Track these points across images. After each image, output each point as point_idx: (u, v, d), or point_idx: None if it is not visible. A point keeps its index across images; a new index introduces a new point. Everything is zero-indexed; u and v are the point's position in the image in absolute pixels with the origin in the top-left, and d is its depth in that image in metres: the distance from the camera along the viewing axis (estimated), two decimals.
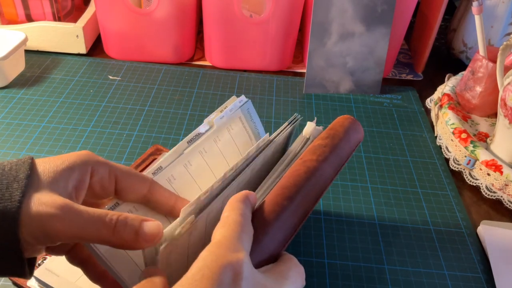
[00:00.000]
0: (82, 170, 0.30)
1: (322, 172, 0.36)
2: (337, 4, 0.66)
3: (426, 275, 0.47)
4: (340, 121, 0.41)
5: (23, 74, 0.71)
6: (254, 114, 0.44)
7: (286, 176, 0.35)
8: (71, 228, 0.27)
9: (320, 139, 0.38)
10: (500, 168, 0.54)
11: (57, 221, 0.27)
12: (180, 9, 0.72)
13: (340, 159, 0.38)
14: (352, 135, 0.40)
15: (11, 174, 0.27)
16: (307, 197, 0.34)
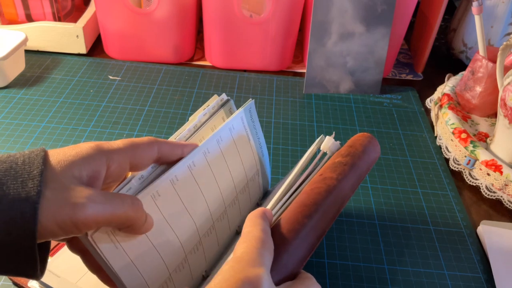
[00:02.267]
0: (97, 162, 0.30)
1: (341, 190, 0.36)
2: (337, 4, 0.66)
3: (426, 275, 0.47)
4: (359, 139, 0.41)
5: (23, 74, 0.71)
6: (254, 114, 0.45)
7: (306, 193, 0.35)
8: (102, 211, 0.28)
9: (340, 156, 0.39)
10: (500, 168, 0.54)
11: (88, 211, 0.27)
12: (180, 9, 0.72)
13: (358, 177, 0.38)
14: (371, 153, 0.40)
15: (25, 170, 0.27)
16: (326, 215, 0.34)
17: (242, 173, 0.43)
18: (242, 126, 0.43)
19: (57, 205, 0.26)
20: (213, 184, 0.39)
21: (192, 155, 0.36)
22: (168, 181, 0.34)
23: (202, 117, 0.40)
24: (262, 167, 0.47)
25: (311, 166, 0.40)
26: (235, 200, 0.42)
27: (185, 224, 0.36)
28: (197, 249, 0.38)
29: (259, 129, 0.45)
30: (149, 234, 0.33)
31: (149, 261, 0.33)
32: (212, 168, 0.38)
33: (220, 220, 0.40)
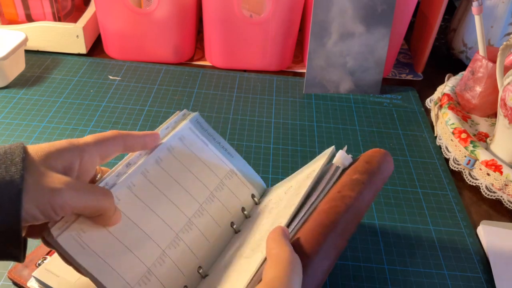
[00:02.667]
0: (71, 153, 0.33)
1: (359, 208, 0.36)
2: (337, 4, 0.66)
3: (426, 275, 0.47)
4: (375, 156, 0.41)
5: (23, 74, 0.71)
6: (203, 123, 0.48)
7: (325, 212, 0.35)
8: (78, 198, 0.31)
9: (358, 173, 0.39)
10: (500, 168, 0.54)
11: (65, 196, 0.30)
12: (180, 9, 0.72)
13: (374, 194, 0.38)
14: (386, 170, 0.40)
15: (7, 158, 0.29)
16: (345, 233, 0.35)
17: (210, 173, 0.45)
18: (194, 135, 0.46)
19: (37, 189, 0.29)
20: (175, 186, 0.42)
21: (144, 163, 0.40)
22: (125, 187, 0.38)
23: (165, 130, 0.44)
24: (238, 166, 0.48)
25: (325, 180, 0.40)
26: (211, 197, 0.44)
27: (151, 221, 0.38)
28: (177, 244, 0.39)
29: (216, 135, 0.48)
30: (114, 232, 0.35)
31: (120, 257, 0.35)
32: (170, 173, 0.42)
33: (198, 216, 0.42)
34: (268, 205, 0.46)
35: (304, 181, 0.42)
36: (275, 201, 0.45)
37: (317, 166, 0.42)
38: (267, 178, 0.57)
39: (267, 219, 0.42)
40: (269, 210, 0.44)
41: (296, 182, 0.44)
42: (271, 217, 0.41)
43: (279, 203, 0.43)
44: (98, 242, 0.34)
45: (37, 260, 0.42)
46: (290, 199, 0.41)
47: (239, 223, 0.45)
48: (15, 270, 0.41)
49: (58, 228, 0.33)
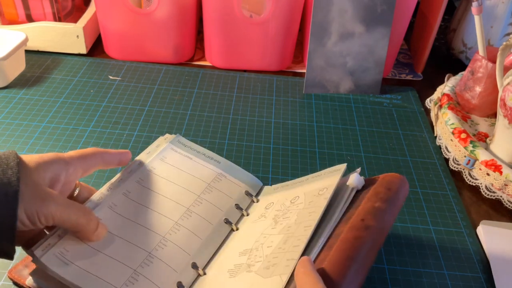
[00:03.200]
0: (58, 166, 0.36)
1: (381, 238, 0.37)
2: (337, 4, 0.67)
3: (426, 275, 0.47)
4: (396, 182, 0.41)
5: (23, 74, 0.71)
6: (185, 141, 0.52)
7: (350, 243, 0.35)
8: (61, 212, 0.33)
9: (380, 201, 0.39)
10: (499, 168, 0.54)
11: (51, 208, 0.33)
12: (180, 9, 0.72)
13: (393, 220, 0.39)
14: (403, 197, 0.41)
15: (2, 162, 0.32)
16: (367, 264, 0.35)
17: (196, 181, 0.48)
18: (176, 153, 0.50)
19: (28, 197, 0.32)
20: (158, 198, 0.45)
21: (125, 185, 0.44)
22: (106, 207, 0.41)
23: (145, 155, 0.49)
24: (226, 169, 0.51)
25: (342, 202, 0.40)
26: (198, 200, 0.46)
27: (134, 231, 0.41)
28: (165, 245, 0.41)
29: (200, 148, 0.52)
30: (96, 246, 0.38)
31: (102, 265, 0.37)
32: (153, 188, 0.45)
33: (185, 218, 0.44)
34: (270, 209, 0.46)
35: (316, 198, 0.42)
36: (278, 208, 0.46)
37: (329, 184, 0.42)
38: (267, 178, 0.57)
39: (273, 229, 0.42)
40: (273, 217, 0.44)
41: (305, 196, 0.45)
42: (280, 229, 0.42)
43: (286, 214, 0.43)
44: (81, 257, 0.37)
45: None
46: (302, 216, 0.41)
47: (235, 220, 0.46)
48: (15, 270, 0.41)
49: (42, 249, 0.35)
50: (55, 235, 0.37)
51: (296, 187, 0.48)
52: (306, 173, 0.58)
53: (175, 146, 0.51)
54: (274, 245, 0.40)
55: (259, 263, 0.39)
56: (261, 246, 0.41)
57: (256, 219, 0.46)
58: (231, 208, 0.47)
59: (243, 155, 0.60)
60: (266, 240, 0.41)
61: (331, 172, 0.45)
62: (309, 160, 0.60)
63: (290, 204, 0.45)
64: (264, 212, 0.46)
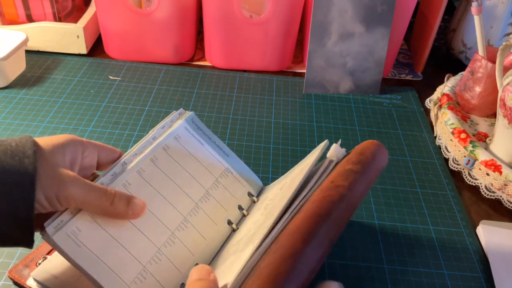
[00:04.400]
0: (74, 148, 0.36)
1: (352, 198, 0.36)
2: (337, 4, 0.67)
3: (425, 274, 0.47)
4: (369, 147, 0.40)
5: (23, 75, 0.71)
6: (199, 122, 0.49)
7: (319, 201, 0.35)
8: (81, 194, 0.33)
9: (351, 163, 0.38)
10: (499, 168, 0.54)
11: (70, 189, 0.33)
12: (180, 9, 0.72)
13: (368, 185, 0.38)
14: (380, 162, 0.40)
15: (19, 151, 0.32)
16: (339, 223, 0.34)
17: (206, 172, 0.46)
18: (189, 134, 0.47)
19: (46, 180, 0.32)
20: (171, 185, 0.43)
21: (139, 162, 0.41)
22: (121, 186, 0.39)
23: (161, 130, 0.46)
24: (234, 165, 0.49)
25: (319, 173, 0.40)
26: (206, 196, 0.45)
27: (147, 219, 0.39)
28: (173, 242, 0.40)
29: (211, 134, 0.49)
30: (110, 231, 0.36)
31: (115, 255, 0.36)
32: (165, 171, 0.43)
33: (193, 214, 0.43)
34: (264, 202, 0.46)
35: (298, 176, 0.42)
36: (271, 198, 0.46)
37: (310, 161, 0.42)
38: (267, 178, 0.57)
39: (261, 215, 0.42)
40: (264, 207, 0.44)
41: (291, 179, 0.45)
42: (265, 212, 0.42)
43: (274, 199, 0.43)
44: (94, 240, 0.35)
45: (37, 259, 0.42)
46: (284, 194, 0.41)
47: (237, 221, 0.46)
48: (15, 270, 0.42)
49: (54, 227, 0.34)
50: (68, 212, 0.35)
51: (287, 176, 0.48)
52: None
53: (188, 126, 0.48)
54: (257, 224, 0.40)
55: (243, 244, 0.39)
56: (249, 233, 0.41)
57: (253, 215, 0.46)
58: (234, 208, 0.47)
59: (243, 155, 0.60)
60: (255, 227, 0.41)
61: (314, 151, 0.45)
62: None
63: (280, 191, 0.45)
64: (260, 207, 0.46)
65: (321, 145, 0.44)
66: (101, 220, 0.37)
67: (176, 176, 0.43)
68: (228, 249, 0.42)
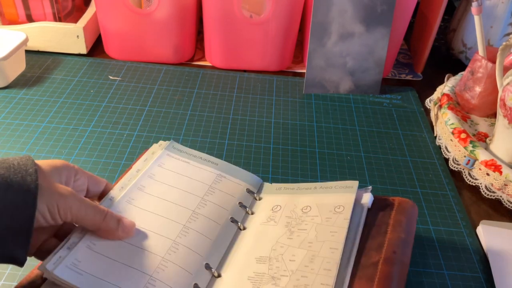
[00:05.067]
0: (68, 171, 0.38)
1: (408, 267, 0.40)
2: (337, 4, 0.67)
3: (425, 274, 0.47)
4: (411, 211, 0.44)
5: (23, 75, 0.71)
6: (180, 147, 0.52)
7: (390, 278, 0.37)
8: (78, 208, 0.35)
9: (404, 232, 0.42)
10: (499, 168, 0.54)
11: (69, 201, 0.35)
12: (180, 9, 0.72)
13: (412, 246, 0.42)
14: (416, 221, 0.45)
15: (21, 169, 0.34)
16: None
17: (197, 184, 0.48)
18: (173, 159, 0.50)
19: (48, 194, 0.34)
20: (163, 204, 0.45)
21: (127, 192, 0.44)
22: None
23: (143, 162, 0.49)
24: (225, 170, 0.51)
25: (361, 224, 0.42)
26: (203, 202, 0.46)
27: (145, 237, 0.41)
28: (176, 248, 0.41)
29: (195, 152, 0.52)
30: (108, 254, 0.38)
31: (119, 273, 0.37)
32: (156, 195, 0.45)
33: (192, 221, 0.44)
34: (279, 213, 0.46)
35: (334, 216, 0.43)
36: (288, 214, 0.46)
37: (345, 203, 0.44)
38: (267, 178, 0.57)
39: (290, 239, 0.43)
40: (285, 225, 0.45)
41: (318, 208, 0.45)
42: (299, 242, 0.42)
43: (300, 224, 0.44)
44: (95, 266, 0.37)
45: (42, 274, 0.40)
46: (324, 234, 0.42)
47: (241, 218, 0.47)
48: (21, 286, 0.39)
49: (53, 263, 0.35)
50: (65, 248, 0.37)
51: (304, 195, 0.48)
52: (306, 173, 0.58)
53: (171, 152, 0.51)
54: (298, 261, 0.40)
55: (285, 277, 0.39)
56: (281, 257, 0.41)
57: (265, 221, 0.46)
58: (236, 206, 0.47)
59: (243, 155, 0.60)
60: (286, 251, 0.41)
61: (343, 188, 0.46)
62: (309, 160, 0.60)
63: (302, 213, 0.45)
64: (272, 215, 0.46)
65: (352, 185, 0.46)
66: (99, 247, 0.38)
67: (167, 196, 0.46)
68: (247, 254, 0.43)
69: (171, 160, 0.50)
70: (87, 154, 0.58)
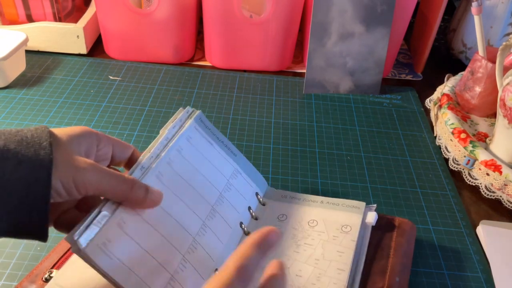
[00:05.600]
0: (90, 139, 0.35)
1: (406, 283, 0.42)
2: (337, 4, 0.67)
3: (425, 275, 0.47)
4: (411, 233, 0.46)
5: (23, 75, 0.71)
6: (206, 122, 0.48)
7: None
8: (100, 180, 0.32)
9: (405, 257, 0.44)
10: (499, 168, 0.54)
11: (88, 175, 0.32)
12: (180, 9, 0.72)
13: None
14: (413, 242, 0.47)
15: (35, 142, 0.31)
16: None
17: (218, 174, 0.46)
18: (199, 135, 0.47)
19: (63, 168, 0.31)
20: (188, 189, 0.42)
21: (157, 166, 0.40)
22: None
23: (172, 130, 0.45)
24: (241, 165, 0.49)
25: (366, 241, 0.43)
26: (220, 198, 0.44)
27: (170, 226, 0.38)
28: (195, 247, 0.39)
29: (218, 133, 0.49)
30: (137, 239, 0.35)
31: (145, 266, 0.35)
32: (182, 175, 0.42)
33: (210, 218, 0.42)
34: (284, 222, 0.46)
35: (341, 236, 0.44)
36: (294, 225, 0.46)
37: (352, 224, 0.45)
38: (267, 178, 0.57)
39: (296, 253, 0.43)
40: (292, 237, 0.45)
41: (324, 224, 0.46)
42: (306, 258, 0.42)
43: (306, 239, 0.44)
44: (124, 251, 0.34)
45: (42, 274, 0.40)
46: (330, 253, 0.42)
47: (247, 223, 0.46)
48: (21, 286, 0.39)
49: (84, 239, 0.32)
50: (96, 223, 0.33)
51: (309, 207, 0.48)
52: (306, 173, 0.58)
53: (198, 126, 0.47)
54: (305, 277, 0.40)
55: None
56: (288, 271, 0.41)
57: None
58: (245, 210, 0.47)
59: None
60: (292, 265, 0.42)
61: (350, 207, 0.46)
62: (309, 160, 0.60)
63: (309, 227, 0.45)
64: (277, 224, 0.46)
65: (359, 206, 0.46)
66: (129, 228, 0.35)
67: (191, 180, 0.43)
68: None
69: (197, 136, 0.46)
70: None
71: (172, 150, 0.42)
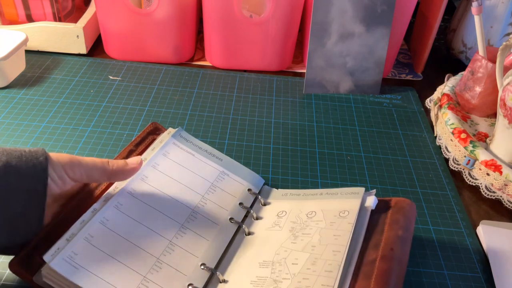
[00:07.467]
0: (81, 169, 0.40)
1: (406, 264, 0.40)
2: (337, 4, 0.67)
3: (425, 275, 0.47)
4: (409, 209, 0.44)
5: (23, 74, 0.71)
6: (188, 136, 0.52)
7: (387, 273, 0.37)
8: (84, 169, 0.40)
9: (402, 229, 0.41)
10: (499, 168, 0.54)
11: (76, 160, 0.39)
12: (180, 9, 0.72)
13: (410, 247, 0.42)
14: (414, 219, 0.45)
15: (32, 157, 0.37)
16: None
17: (199, 180, 0.48)
18: (178, 149, 0.50)
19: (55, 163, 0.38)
20: (164, 198, 0.45)
21: (130, 183, 0.44)
22: (113, 207, 0.42)
23: (150, 152, 0.48)
24: (228, 167, 0.51)
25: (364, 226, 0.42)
26: (203, 201, 0.46)
27: (142, 234, 0.41)
28: (172, 249, 0.41)
29: (201, 144, 0.52)
30: (105, 249, 0.38)
31: (113, 271, 0.37)
32: (158, 187, 0.45)
33: (191, 220, 0.44)
34: (284, 218, 0.47)
35: (339, 221, 0.43)
36: (293, 219, 0.46)
37: (351, 208, 0.44)
38: (267, 178, 0.57)
39: (294, 243, 0.43)
40: (290, 230, 0.45)
41: (323, 213, 0.45)
42: (303, 246, 0.42)
43: (305, 229, 0.44)
44: (91, 261, 0.37)
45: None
46: (327, 238, 0.42)
47: (240, 218, 0.47)
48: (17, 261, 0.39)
49: (50, 254, 0.35)
50: (63, 239, 0.37)
51: (309, 200, 0.48)
52: (306, 173, 0.58)
53: (177, 141, 0.51)
54: (300, 264, 0.40)
55: (287, 280, 0.39)
56: (284, 261, 0.41)
57: (270, 227, 0.46)
58: (236, 206, 0.47)
59: (243, 155, 0.60)
60: (289, 255, 0.41)
61: (349, 194, 0.46)
62: (309, 160, 0.60)
63: (307, 218, 0.45)
64: (277, 220, 0.46)
65: (358, 192, 0.45)
66: (96, 240, 0.38)
67: (169, 189, 0.46)
68: (251, 259, 0.43)
69: (176, 150, 0.50)
70: (87, 154, 0.58)
71: (147, 167, 0.46)
